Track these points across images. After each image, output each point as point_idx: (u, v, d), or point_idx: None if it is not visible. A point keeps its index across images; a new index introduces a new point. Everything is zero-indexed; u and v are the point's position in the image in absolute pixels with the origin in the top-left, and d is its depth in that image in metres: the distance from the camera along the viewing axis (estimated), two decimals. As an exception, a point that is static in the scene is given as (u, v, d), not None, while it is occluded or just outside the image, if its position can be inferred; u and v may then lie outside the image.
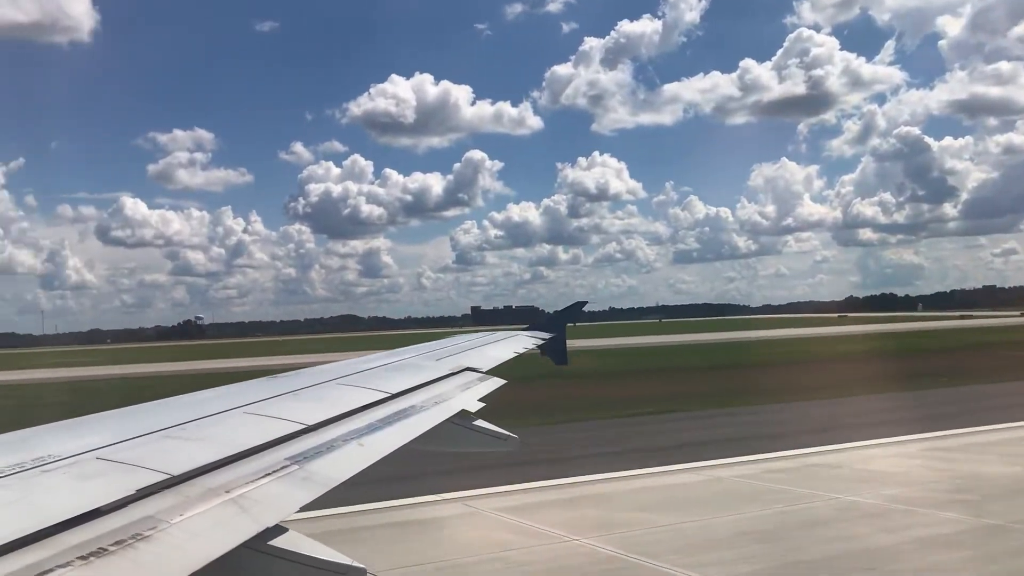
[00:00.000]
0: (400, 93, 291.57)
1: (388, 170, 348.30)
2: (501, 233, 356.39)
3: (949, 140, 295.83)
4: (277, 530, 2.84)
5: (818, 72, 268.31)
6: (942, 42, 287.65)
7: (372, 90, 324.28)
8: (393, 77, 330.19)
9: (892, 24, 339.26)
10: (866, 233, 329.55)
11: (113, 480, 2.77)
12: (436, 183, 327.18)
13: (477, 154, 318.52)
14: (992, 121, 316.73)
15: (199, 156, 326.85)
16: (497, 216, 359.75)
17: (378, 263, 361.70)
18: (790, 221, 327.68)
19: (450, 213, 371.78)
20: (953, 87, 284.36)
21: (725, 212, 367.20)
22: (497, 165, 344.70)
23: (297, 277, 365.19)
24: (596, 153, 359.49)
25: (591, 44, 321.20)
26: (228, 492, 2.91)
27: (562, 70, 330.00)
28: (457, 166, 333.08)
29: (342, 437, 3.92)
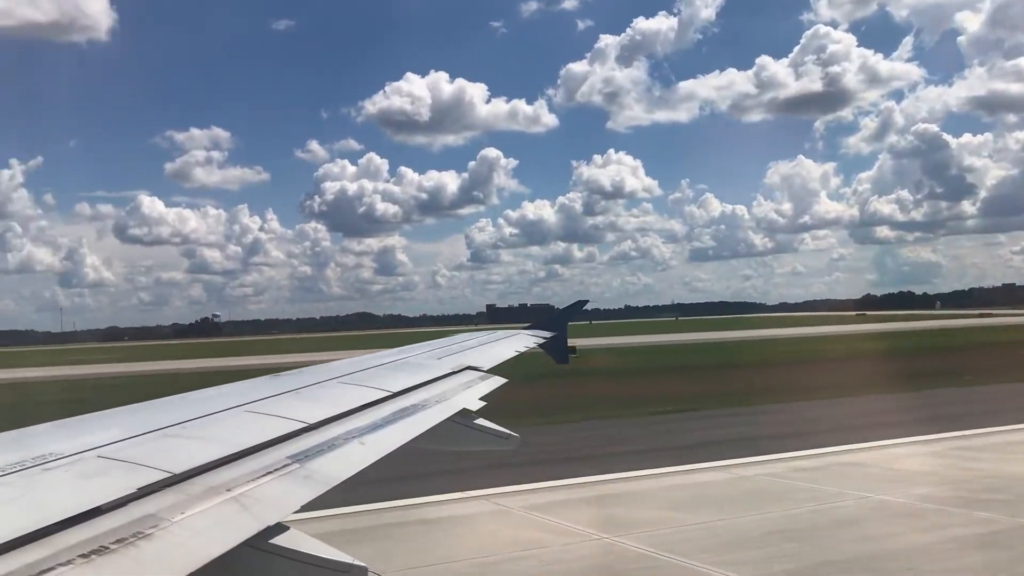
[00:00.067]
0: (415, 91, 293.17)
1: (403, 168, 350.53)
2: (516, 231, 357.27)
3: (968, 137, 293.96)
4: (278, 528, 2.84)
5: (835, 69, 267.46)
6: (961, 38, 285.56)
7: (387, 88, 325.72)
8: (408, 75, 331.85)
9: (910, 20, 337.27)
10: (883, 231, 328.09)
11: (114, 478, 2.78)
12: (451, 181, 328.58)
13: (492, 152, 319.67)
14: (1012, 118, 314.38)
15: (216, 154, 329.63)
16: (512, 214, 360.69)
17: (393, 261, 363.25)
18: (807, 219, 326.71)
19: (465, 211, 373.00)
20: (972, 83, 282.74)
21: (741, 210, 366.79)
22: (512, 163, 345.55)
23: (313, 275, 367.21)
24: (611, 151, 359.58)
25: (607, 41, 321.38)
26: (229, 490, 2.92)
27: (577, 67, 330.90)
28: (472, 164, 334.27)
29: (343, 436, 3.94)
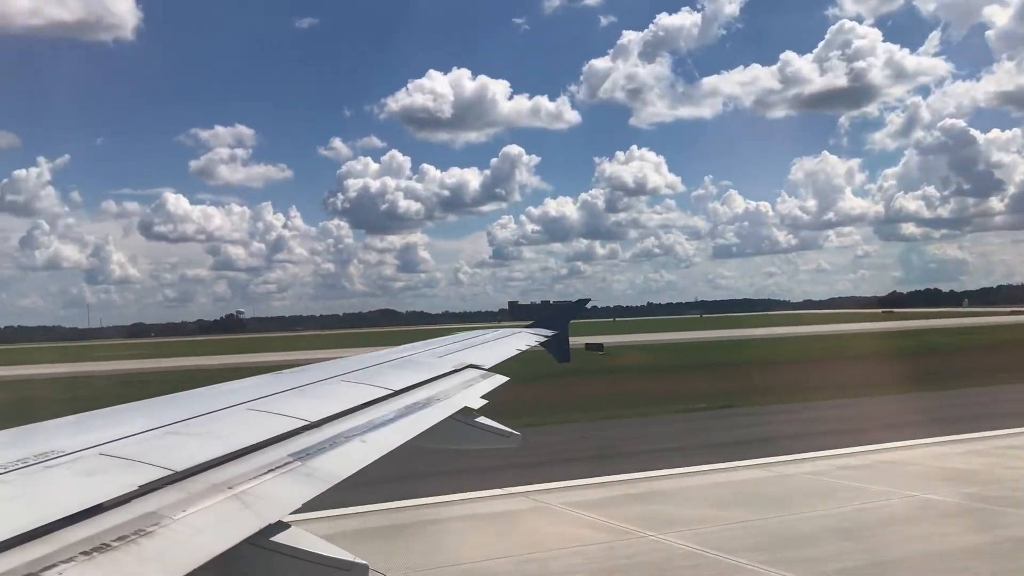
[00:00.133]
0: (437, 88, 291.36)
1: (425, 165, 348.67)
2: (538, 228, 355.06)
3: (996, 132, 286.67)
4: (280, 526, 2.84)
5: (860, 64, 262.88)
6: (989, 32, 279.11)
7: (410, 85, 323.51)
8: (431, 72, 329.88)
9: (937, 15, 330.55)
10: (909, 227, 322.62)
11: (116, 476, 2.80)
12: (473, 178, 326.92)
13: (514, 149, 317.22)
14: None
15: (240, 152, 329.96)
16: (534, 211, 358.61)
17: (415, 258, 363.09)
18: (831, 215, 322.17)
19: (487, 208, 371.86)
20: (1000, 78, 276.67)
21: (765, 206, 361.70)
22: (534, 160, 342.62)
23: (336, 272, 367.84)
24: (634, 147, 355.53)
25: (629, 37, 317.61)
26: (231, 488, 2.94)
27: (600, 64, 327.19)
28: (494, 161, 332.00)
29: (344, 434, 3.96)
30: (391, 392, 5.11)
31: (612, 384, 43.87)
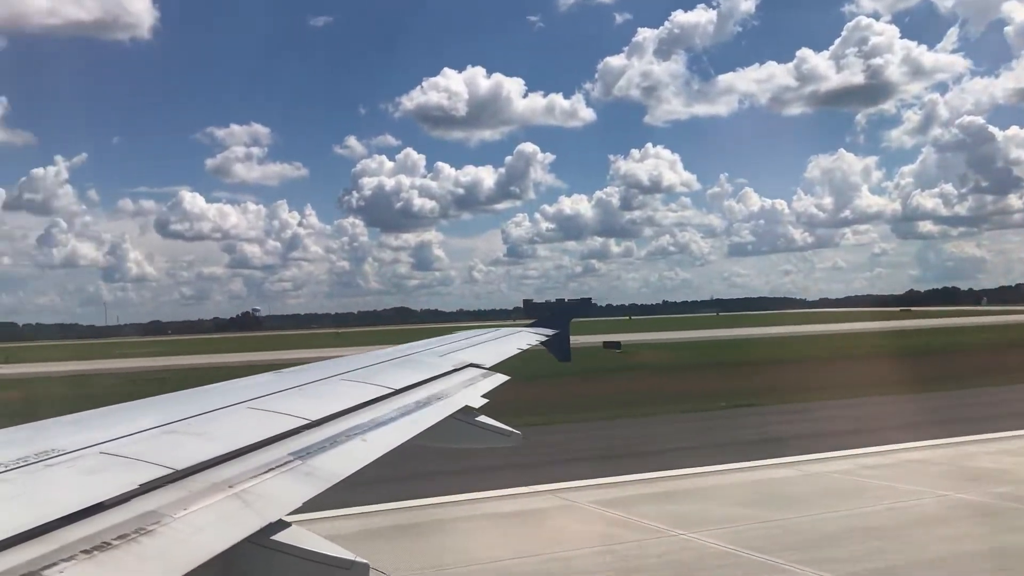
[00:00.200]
0: (452, 86, 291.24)
1: (440, 163, 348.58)
2: (553, 226, 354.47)
3: (1015, 129, 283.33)
4: (280, 525, 2.84)
5: (877, 61, 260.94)
6: (1008, 28, 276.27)
7: (424, 84, 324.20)
8: (445, 70, 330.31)
9: (955, 11, 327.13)
10: (926, 225, 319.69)
11: (116, 474, 2.79)
12: (488, 176, 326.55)
13: (529, 147, 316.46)
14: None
15: (255, 151, 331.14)
16: (549, 209, 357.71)
17: (430, 256, 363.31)
18: (848, 213, 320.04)
19: (502, 206, 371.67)
20: (1020, 75, 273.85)
21: (781, 204, 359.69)
22: (549, 158, 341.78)
23: (351, 270, 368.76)
24: (649, 145, 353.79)
25: (644, 35, 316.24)
26: (231, 487, 2.94)
27: (615, 61, 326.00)
28: (509, 159, 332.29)
29: (345, 433, 3.96)
30: (392, 391, 5.11)
31: (631, 382, 43.80)
